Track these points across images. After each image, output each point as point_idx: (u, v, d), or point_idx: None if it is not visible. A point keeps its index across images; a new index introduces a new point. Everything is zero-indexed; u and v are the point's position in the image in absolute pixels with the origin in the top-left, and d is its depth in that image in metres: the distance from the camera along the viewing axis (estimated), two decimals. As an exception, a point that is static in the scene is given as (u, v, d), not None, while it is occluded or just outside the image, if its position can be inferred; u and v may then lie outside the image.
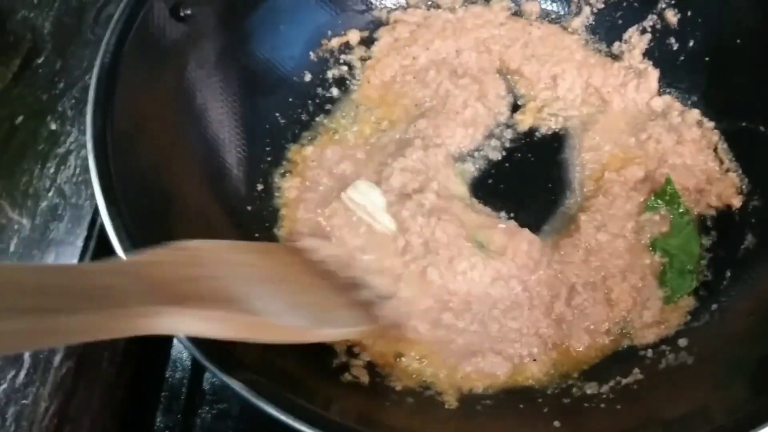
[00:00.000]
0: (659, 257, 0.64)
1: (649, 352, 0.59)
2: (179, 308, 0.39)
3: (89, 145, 0.50)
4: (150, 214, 0.51)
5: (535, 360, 0.59)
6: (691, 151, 0.69)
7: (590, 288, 0.62)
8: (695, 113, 0.72)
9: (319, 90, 0.75)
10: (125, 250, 0.46)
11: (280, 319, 0.45)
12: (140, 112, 0.56)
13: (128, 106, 0.53)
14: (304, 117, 0.74)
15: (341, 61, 0.77)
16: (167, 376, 0.64)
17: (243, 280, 0.47)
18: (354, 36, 0.78)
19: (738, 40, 0.69)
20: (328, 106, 0.75)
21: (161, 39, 0.59)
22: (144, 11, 0.56)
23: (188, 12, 0.60)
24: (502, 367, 0.58)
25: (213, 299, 0.42)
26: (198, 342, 0.43)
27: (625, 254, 0.64)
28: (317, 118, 0.74)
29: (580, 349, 0.60)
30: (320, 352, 0.55)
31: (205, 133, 0.64)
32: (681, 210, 0.66)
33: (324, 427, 0.40)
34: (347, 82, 0.77)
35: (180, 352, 0.66)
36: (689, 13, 0.74)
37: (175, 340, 0.67)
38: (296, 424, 0.40)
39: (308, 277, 0.56)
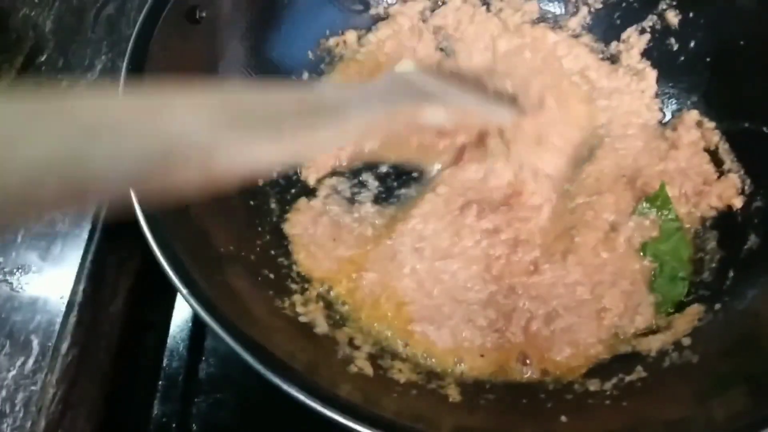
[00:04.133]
0: (649, 262, 0.64)
1: (652, 351, 0.58)
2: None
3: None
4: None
5: (482, 356, 0.59)
6: (686, 155, 0.69)
7: (574, 308, 0.60)
8: (695, 114, 0.72)
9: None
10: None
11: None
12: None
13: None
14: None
15: (336, 58, 0.78)
16: (164, 365, 0.65)
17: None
18: (351, 36, 0.78)
19: (742, 42, 0.69)
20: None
21: (182, 33, 0.61)
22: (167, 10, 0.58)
23: (203, 15, 0.61)
24: (446, 343, 0.59)
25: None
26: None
27: (616, 259, 0.63)
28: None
29: (561, 359, 0.58)
30: (324, 344, 0.56)
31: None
32: (671, 216, 0.65)
33: (342, 409, 0.41)
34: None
35: (176, 342, 0.67)
36: (691, 15, 0.73)
37: (171, 332, 0.68)
38: (315, 405, 0.41)
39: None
